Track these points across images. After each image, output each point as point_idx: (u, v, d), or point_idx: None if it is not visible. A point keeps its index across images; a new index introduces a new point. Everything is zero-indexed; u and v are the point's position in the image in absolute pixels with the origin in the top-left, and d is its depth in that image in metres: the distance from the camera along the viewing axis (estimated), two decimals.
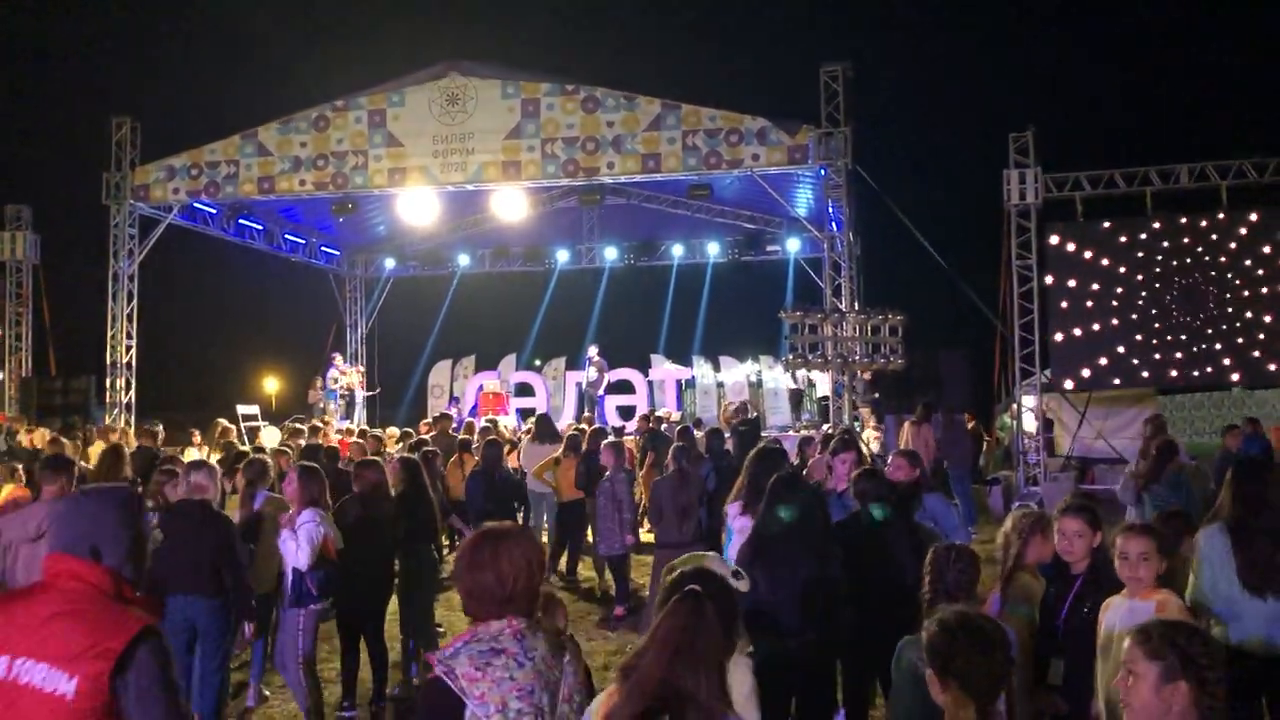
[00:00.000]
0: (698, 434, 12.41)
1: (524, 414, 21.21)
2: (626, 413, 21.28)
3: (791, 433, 17.40)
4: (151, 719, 2.45)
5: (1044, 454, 16.58)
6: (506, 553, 2.68)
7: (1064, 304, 16.33)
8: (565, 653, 2.70)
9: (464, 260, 25.69)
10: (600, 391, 21.19)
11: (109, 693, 2.40)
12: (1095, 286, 16.28)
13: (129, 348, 18.06)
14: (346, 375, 21.78)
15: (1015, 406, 17.11)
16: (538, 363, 26.21)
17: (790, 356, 14.55)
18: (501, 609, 2.64)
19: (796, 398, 20.72)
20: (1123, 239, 16.30)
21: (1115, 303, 16.20)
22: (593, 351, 21.25)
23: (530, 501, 12.18)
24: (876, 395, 16.95)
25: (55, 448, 10.47)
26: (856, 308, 15.93)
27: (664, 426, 15.15)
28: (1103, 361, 16.27)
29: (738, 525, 6.83)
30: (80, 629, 2.42)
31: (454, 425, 15.78)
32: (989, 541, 8.12)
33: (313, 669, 6.45)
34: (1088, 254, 16.32)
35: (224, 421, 14.39)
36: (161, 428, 13.33)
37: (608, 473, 10.14)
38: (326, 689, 6.76)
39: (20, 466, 8.58)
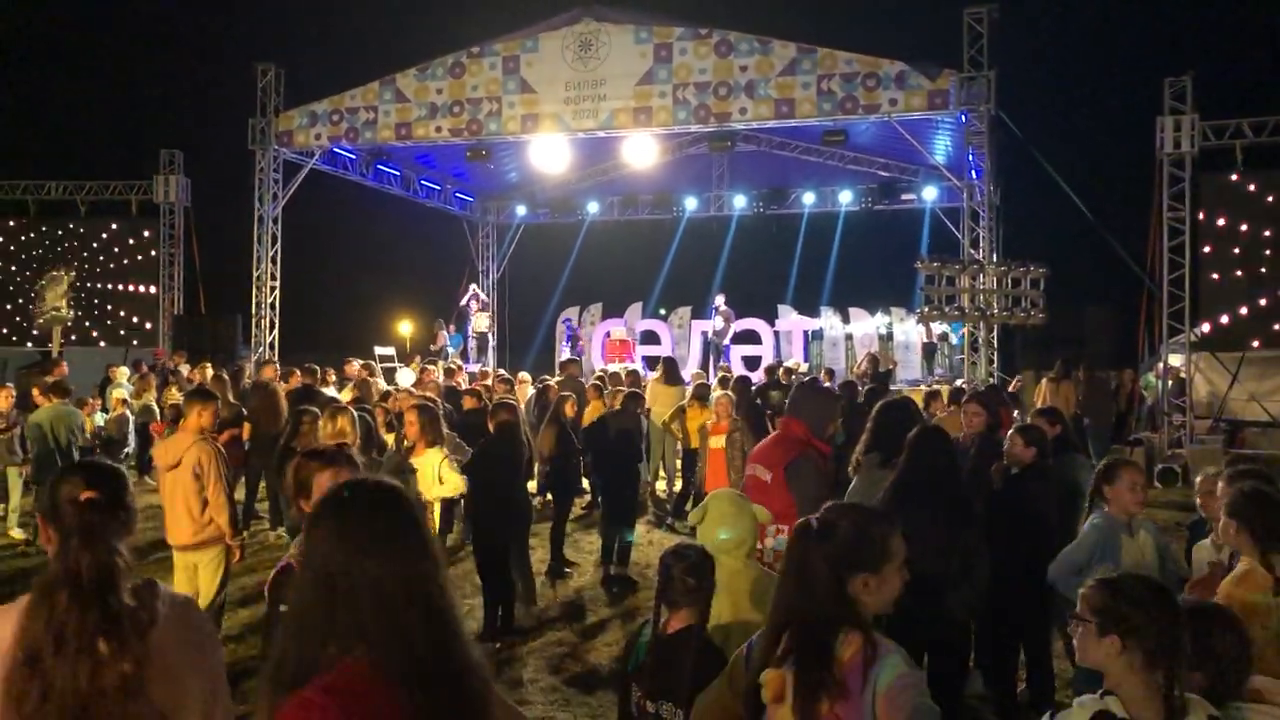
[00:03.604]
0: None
1: (649, 362, 21.30)
2: (752, 363, 21.13)
3: (922, 387, 16.99)
4: (799, 490, 4.65)
5: (1190, 415, 15.81)
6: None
7: (1223, 271, 15.53)
8: None
9: (593, 208, 25.75)
10: (726, 341, 21.09)
11: (784, 481, 4.68)
12: (1245, 250, 15.44)
13: (273, 289, 18.70)
14: (478, 318, 22.24)
15: (1161, 365, 16.33)
16: (663, 311, 26.25)
17: (925, 308, 14.17)
18: None
19: (929, 351, 20.20)
20: None
21: None
22: (719, 300, 21.14)
23: (651, 441, 12.60)
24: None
25: (219, 385, 10.88)
26: (996, 259, 15.38)
27: (793, 378, 14.94)
28: (1260, 327, 15.44)
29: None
30: (778, 451, 4.87)
31: (581, 371, 15.97)
32: None
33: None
34: (1233, 218, 15.46)
35: (357, 360, 14.80)
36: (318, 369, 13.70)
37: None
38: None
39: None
